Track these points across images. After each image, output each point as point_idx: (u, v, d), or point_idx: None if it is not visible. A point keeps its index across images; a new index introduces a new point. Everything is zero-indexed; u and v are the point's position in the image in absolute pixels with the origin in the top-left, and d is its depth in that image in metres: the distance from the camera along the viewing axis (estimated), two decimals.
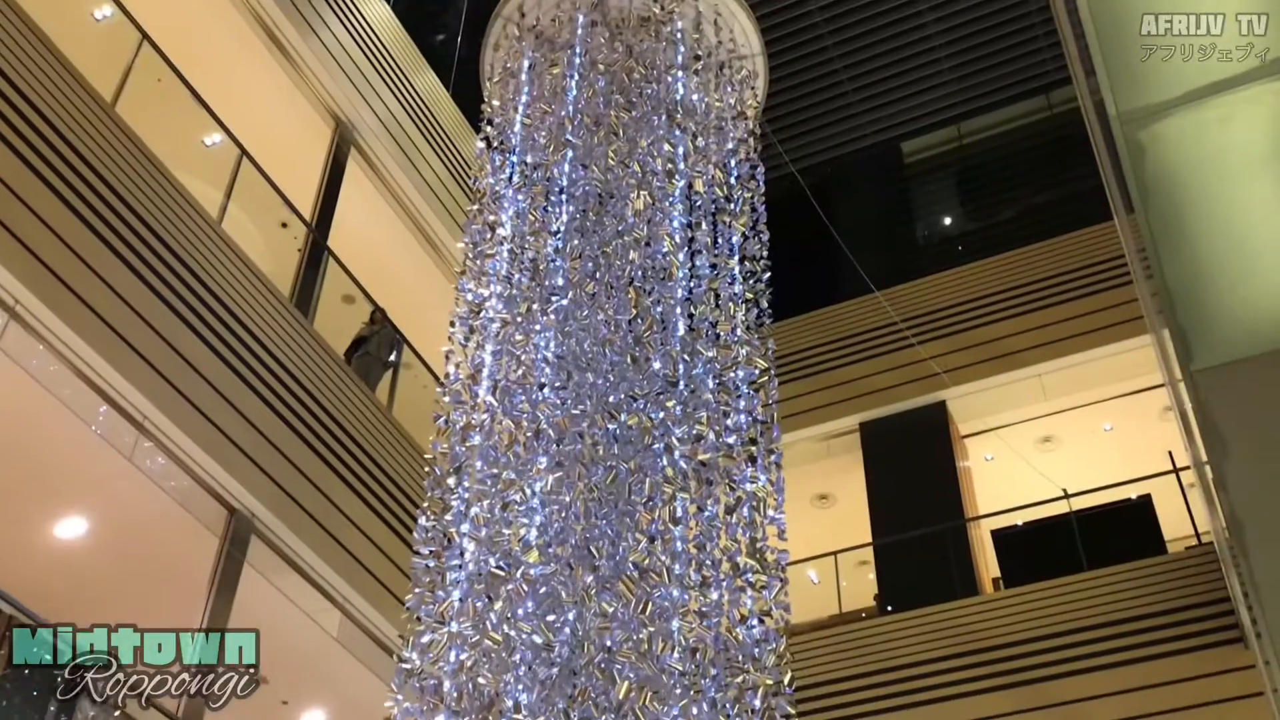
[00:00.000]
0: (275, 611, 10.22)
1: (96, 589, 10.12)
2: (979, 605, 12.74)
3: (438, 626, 4.91)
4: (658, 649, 4.52)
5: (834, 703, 12.35)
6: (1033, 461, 14.64)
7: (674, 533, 4.83)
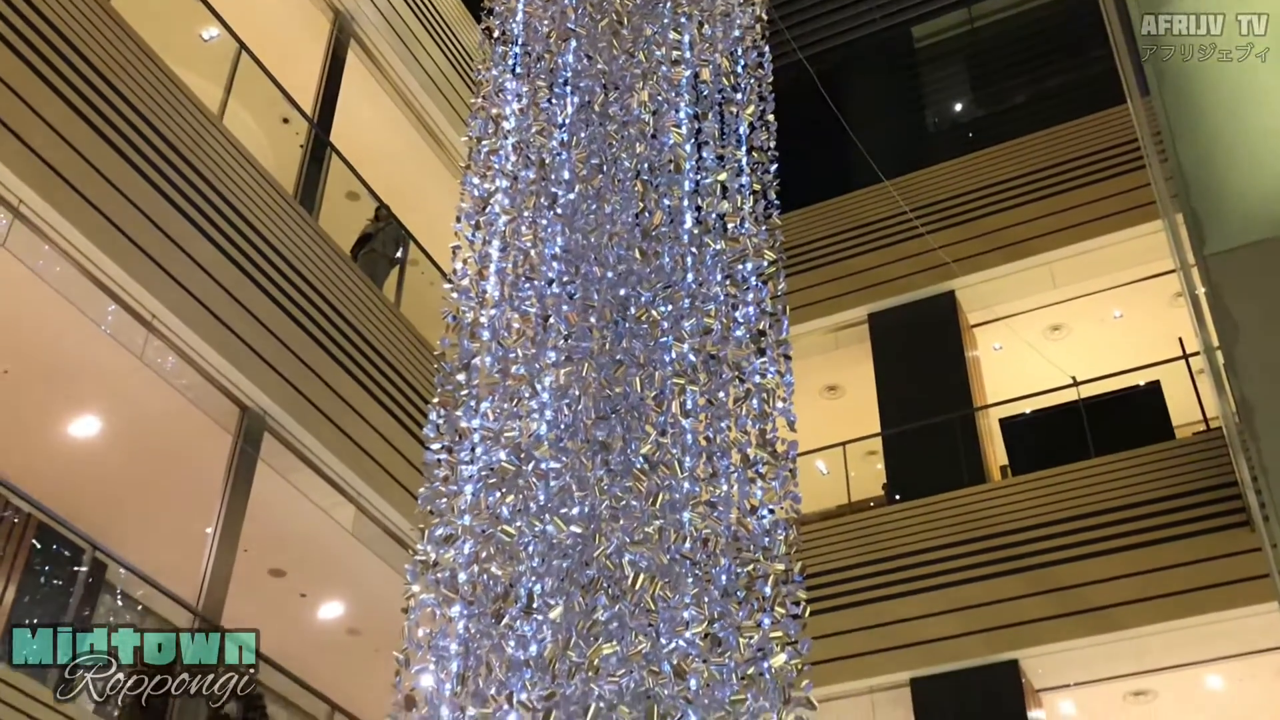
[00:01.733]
0: (290, 507, 10.35)
1: (113, 487, 10.25)
2: (986, 492, 12.85)
3: (451, 520, 4.95)
4: (669, 540, 4.56)
5: (843, 589, 12.53)
6: (1042, 350, 14.64)
7: (684, 425, 4.84)
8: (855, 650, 12.09)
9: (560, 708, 4.22)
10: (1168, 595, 11.18)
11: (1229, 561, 10.95)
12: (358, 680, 10.58)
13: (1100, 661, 11.88)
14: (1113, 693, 12.57)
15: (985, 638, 11.83)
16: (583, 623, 4.35)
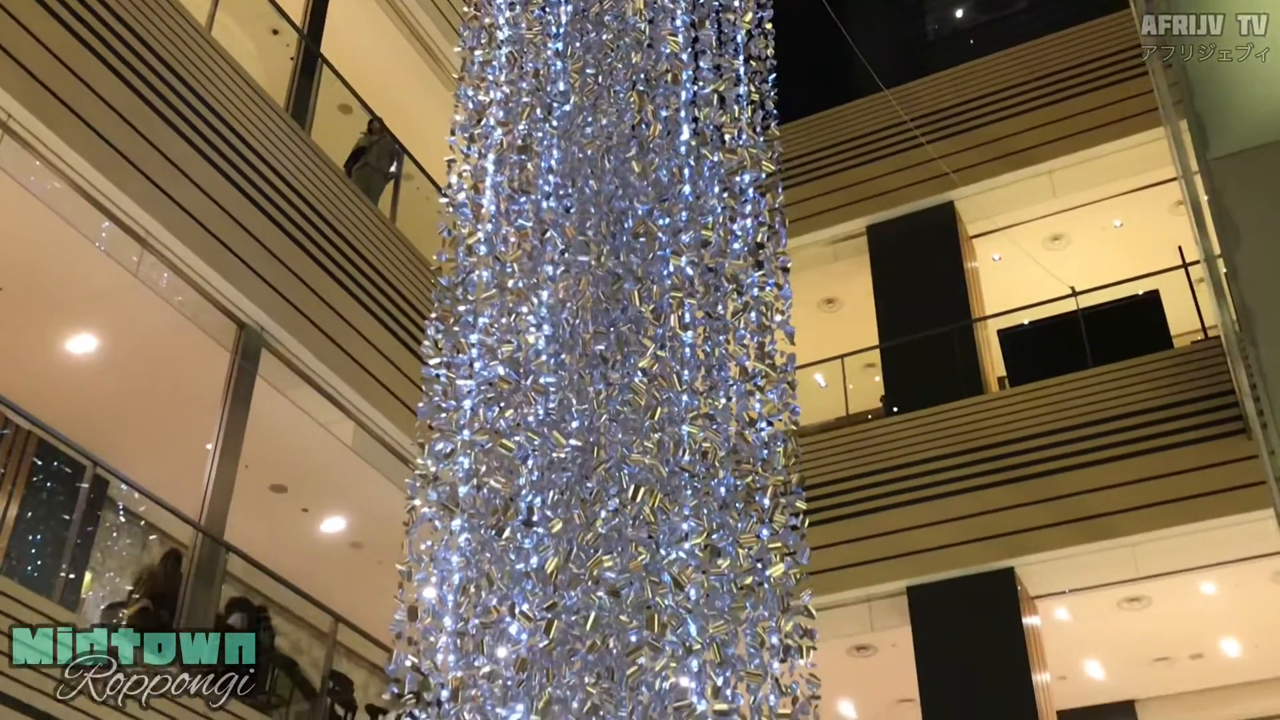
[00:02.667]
0: (290, 423, 10.38)
1: (112, 405, 10.26)
2: (984, 403, 12.90)
3: (450, 434, 4.96)
4: (668, 453, 4.56)
5: (842, 500, 12.63)
6: (1041, 260, 14.58)
7: (682, 339, 4.82)
8: (853, 560, 12.22)
9: (561, 618, 4.26)
10: (1163, 503, 11.28)
11: (1225, 469, 11.02)
12: (361, 593, 10.69)
13: (1095, 569, 12.02)
14: (1107, 599, 12.74)
15: (981, 546, 11.96)
16: (582, 535, 4.37)
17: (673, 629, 4.22)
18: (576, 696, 4.15)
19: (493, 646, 4.35)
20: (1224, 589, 12.73)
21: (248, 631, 9.51)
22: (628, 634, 4.20)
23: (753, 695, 4.35)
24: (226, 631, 9.22)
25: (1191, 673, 14.41)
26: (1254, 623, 13.40)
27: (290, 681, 9.76)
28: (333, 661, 10.00)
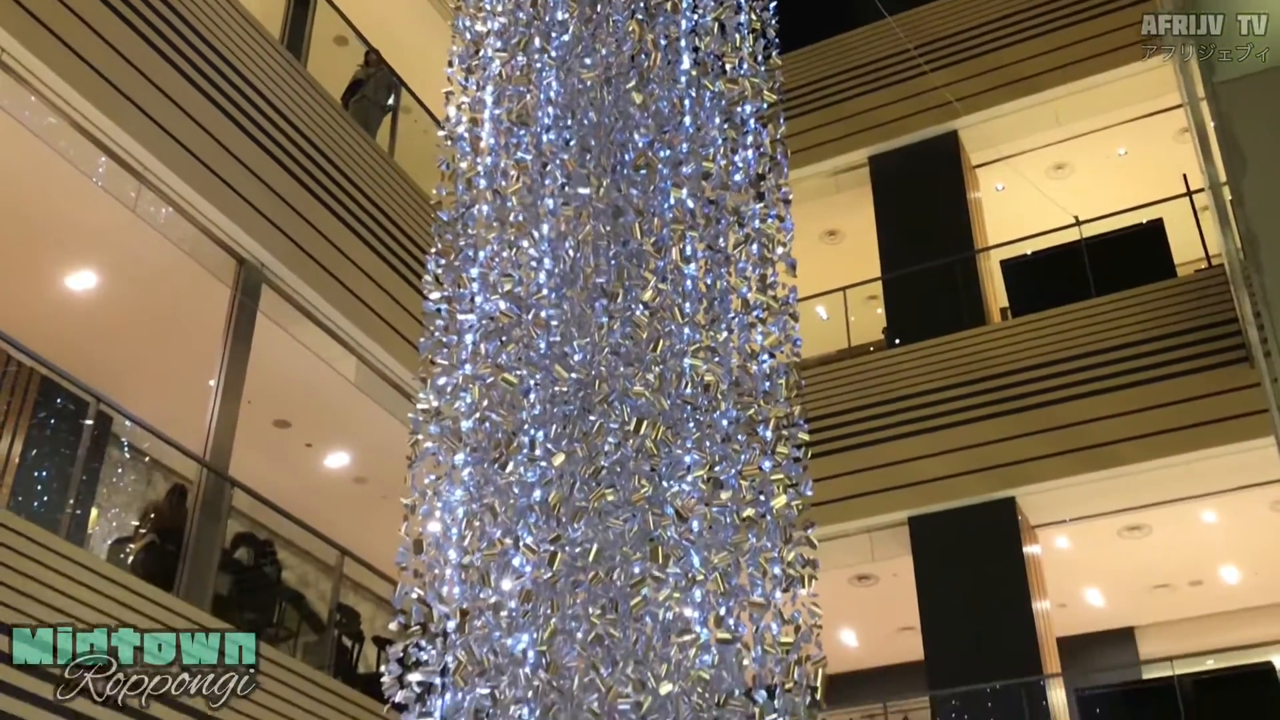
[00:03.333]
0: (292, 359, 10.38)
1: (114, 341, 10.26)
2: (986, 334, 12.89)
3: (453, 369, 4.96)
4: (670, 386, 4.57)
5: (843, 432, 12.67)
6: (1044, 190, 14.49)
7: (684, 272, 4.80)
8: (855, 491, 12.28)
9: (564, 550, 4.29)
10: (1165, 432, 11.31)
11: (1227, 398, 11.04)
12: (366, 527, 10.76)
13: (1096, 497, 12.08)
14: (1107, 527, 12.82)
15: (983, 476, 12.01)
16: (585, 468, 4.39)
17: (676, 560, 4.25)
18: (581, 627, 4.19)
19: (497, 578, 4.39)
20: (1224, 517, 12.81)
21: (253, 567, 9.60)
22: (631, 565, 4.23)
23: (755, 625, 4.39)
24: (232, 567, 9.32)
25: (1190, 599, 14.54)
26: (1253, 550, 13.50)
27: (297, 614, 9.86)
28: (339, 594, 10.09)
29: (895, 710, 12.90)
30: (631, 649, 4.09)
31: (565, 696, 4.04)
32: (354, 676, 9.90)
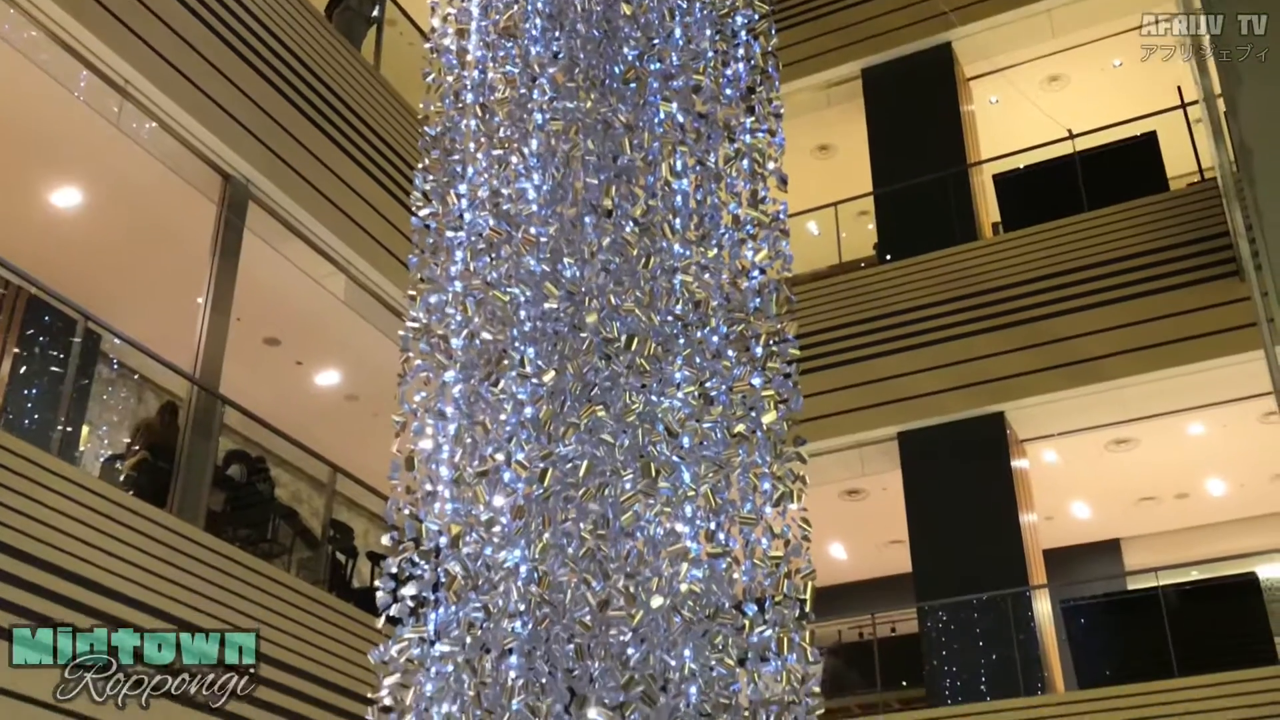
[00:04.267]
0: (281, 276, 10.33)
1: (101, 259, 10.19)
2: (977, 249, 12.87)
3: (442, 286, 4.93)
4: (660, 303, 4.55)
5: (834, 348, 12.69)
6: (1039, 102, 14.36)
7: (674, 187, 4.76)
8: (845, 406, 12.33)
9: (556, 467, 4.30)
10: (1154, 346, 11.35)
11: (1216, 311, 11.07)
12: (358, 444, 10.80)
13: (1084, 412, 12.16)
14: (1095, 441, 12.93)
15: (972, 392, 12.07)
16: (576, 385, 4.38)
17: (666, 476, 4.27)
18: (573, 543, 4.21)
19: (489, 495, 4.41)
20: (1212, 430, 12.91)
21: (246, 484, 9.64)
22: (622, 481, 4.24)
23: (745, 539, 4.43)
24: (225, 483, 9.36)
25: (1176, 512, 14.72)
26: (1240, 463, 13.63)
27: (291, 530, 9.93)
28: (332, 511, 10.16)
29: (883, 621, 13.10)
30: (623, 564, 4.13)
31: (557, 610, 4.08)
32: (348, 591, 10.00)
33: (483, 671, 4.19)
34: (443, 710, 4.23)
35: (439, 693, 4.25)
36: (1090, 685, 10.74)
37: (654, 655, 4.02)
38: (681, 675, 3.99)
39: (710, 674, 4.09)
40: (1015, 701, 10.52)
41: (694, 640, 4.09)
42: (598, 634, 4.05)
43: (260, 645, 7.92)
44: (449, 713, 4.22)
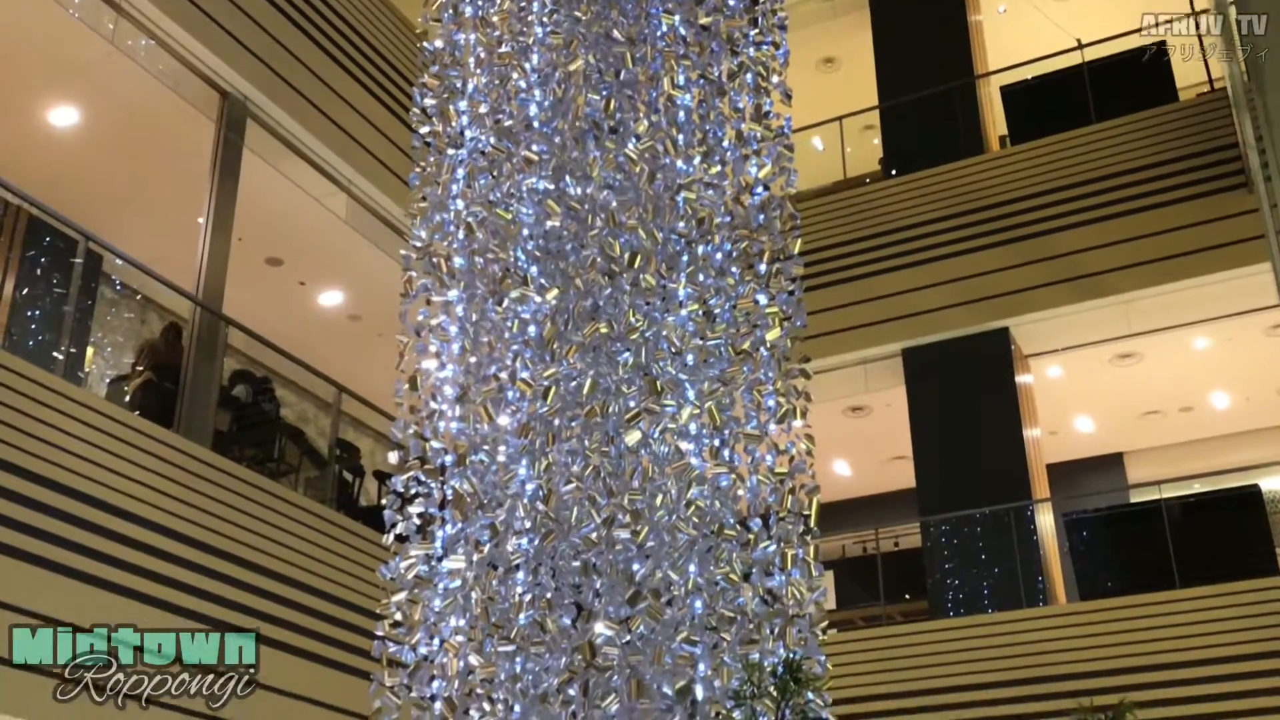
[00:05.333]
0: (282, 196, 10.26)
1: (101, 179, 10.13)
2: (983, 163, 12.75)
3: (444, 205, 4.90)
4: (664, 220, 4.51)
5: (839, 265, 12.64)
6: (1047, 11, 14.13)
7: (677, 102, 4.70)
8: (849, 323, 12.31)
9: (560, 385, 4.30)
10: (1161, 259, 11.30)
11: (1223, 224, 10.99)
12: (363, 364, 10.81)
13: (1089, 326, 12.13)
14: (1100, 356, 12.91)
15: (976, 307, 12.03)
16: (579, 303, 4.37)
17: (671, 394, 4.27)
18: (578, 460, 4.23)
19: (495, 413, 4.41)
20: (1217, 343, 12.89)
21: (252, 404, 9.66)
22: (626, 399, 4.25)
23: (750, 455, 4.44)
24: (231, 404, 9.39)
25: (1180, 425, 14.75)
26: (1245, 376, 13.63)
27: (298, 450, 9.98)
28: (339, 430, 10.20)
29: (886, 535, 13.20)
30: (627, 481, 4.14)
31: (562, 527, 4.11)
32: (356, 510, 10.07)
33: (489, 588, 4.23)
34: (451, 625, 4.28)
35: (447, 608, 4.30)
36: (1092, 597, 10.85)
37: (659, 570, 4.05)
38: (687, 589, 4.02)
39: (715, 588, 4.13)
40: (1016, 613, 10.63)
41: (699, 555, 4.13)
42: (603, 550, 4.08)
43: (269, 564, 8.02)
44: (457, 627, 4.27)
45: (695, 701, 3.86)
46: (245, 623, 7.64)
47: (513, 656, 4.04)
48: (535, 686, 3.99)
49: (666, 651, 3.90)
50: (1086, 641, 9.80)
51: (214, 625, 7.42)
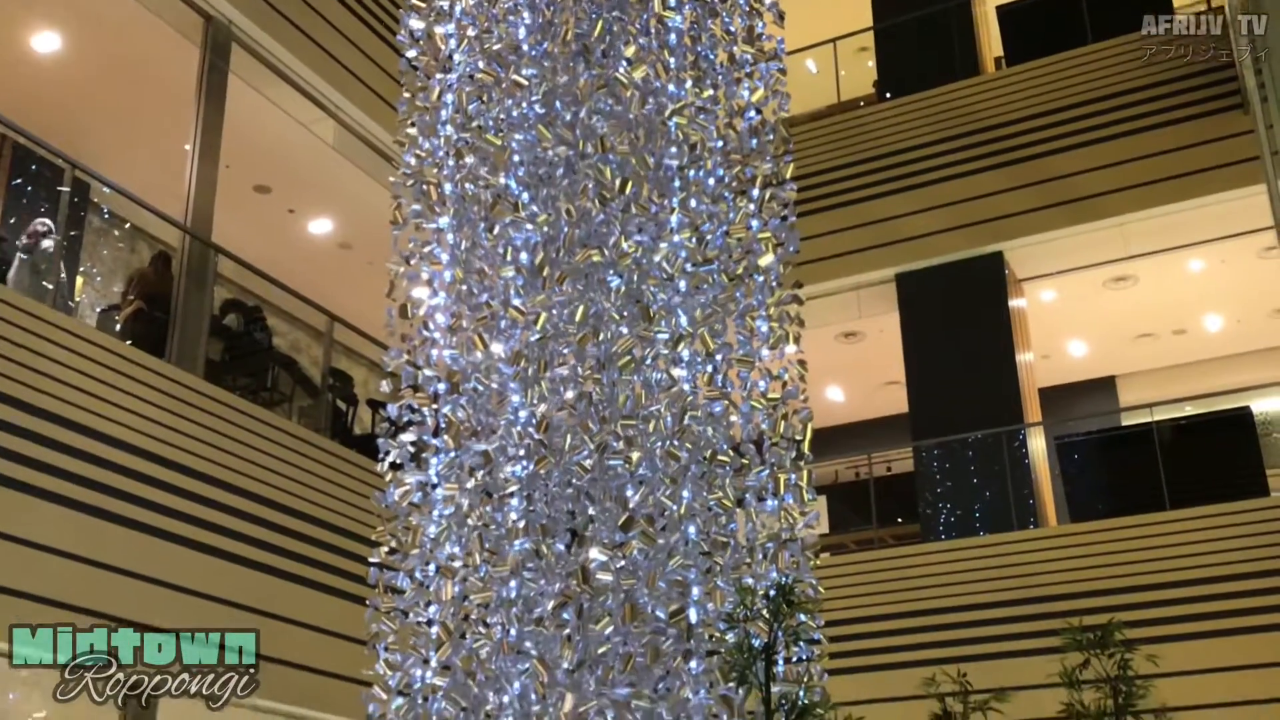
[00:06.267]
0: (269, 123, 10.14)
1: (85, 107, 9.99)
2: (978, 85, 12.63)
3: (433, 130, 4.85)
4: (655, 145, 4.47)
5: (832, 189, 12.56)
6: None
7: (668, 24, 4.63)
8: (842, 249, 12.27)
9: (554, 311, 4.28)
10: (1155, 181, 11.24)
11: (1219, 145, 10.92)
12: (354, 292, 10.76)
13: (1083, 249, 12.10)
14: (1094, 279, 12.89)
15: (971, 231, 11.99)
16: (571, 232, 4.33)
17: (663, 320, 4.25)
18: (570, 387, 4.22)
19: (487, 341, 4.40)
20: (1211, 265, 12.87)
21: (243, 333, 9.63)
22: (618, 326, 4.23)
23: (743, 381, 4.44)
24: (223, 333, 9.35)
25: (1173, 348, 14.78)
26: (1239, 298, 13.63)
27: (291, 379, 9.96)
28: (331, 359, 10.18)
29: (879, 460, 13.27)
30: (620, 407, 4.14)
31: (556, 453, 4.11)
32: (350, 438, 10.09)
33: (485, 515, 4.25)
34: (446, 552, 4.30)
35: (441, 534, 4.32)
36: (1082, 519, 10.94)
37: (653, 496, 4.06)
38: (680, 515, 4.04)
39: (709, 514, 4.15)
40: (1007, 535, 10.72)
41: (692, 481, 4.14)
42: (597, 476, 4.09)
43: (265, 492, 8.05)
44: (452, 554, 4.29)
45: (689, 624, 3.90)
46: (241, 550, 7.69)
47: (507, 581, 4.07)
48: (530, 611, 4.02)
49: (660, 576, 3.93)
50: (1077, 563, 9.90)
51: (210, 552, 7.46)
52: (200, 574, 7.35)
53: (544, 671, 3.85)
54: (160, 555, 7.10)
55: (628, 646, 3.87)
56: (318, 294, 10.13)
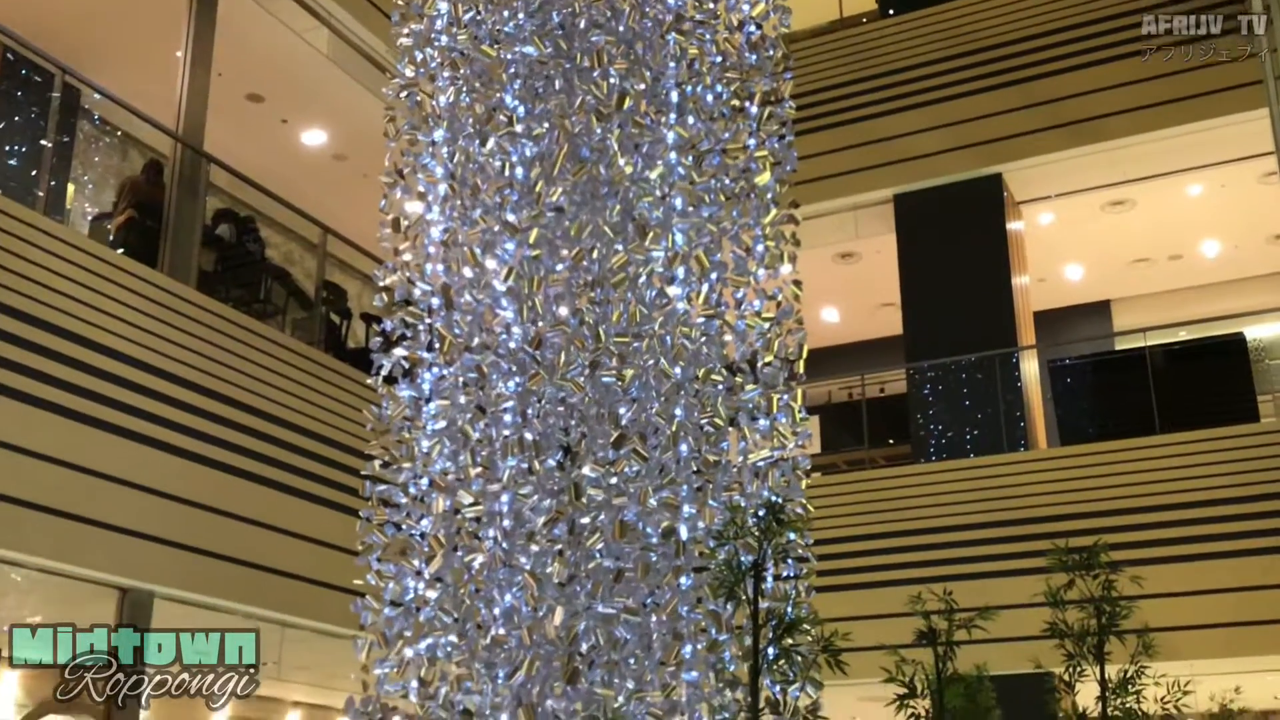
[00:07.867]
0: (262, 31, 9.98)
1: (75, 13, 9.81)
2: (983, 3, 12.47)
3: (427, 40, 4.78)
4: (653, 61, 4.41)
5: (831, 108, 12.44)
6: None
7: None
8: (840, 169, 12.18)
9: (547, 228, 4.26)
10: (1157, 104, 11.13)
11: (1220, 69, 10.78)
12: (349, 204, 10.68)
13: (1083, 172, 12.03)
14: (1092, 202, 12.83)
15: (970, 153, 11.90)
16: (566, 143, 4.29)
17: (658, 238, 4.23)
18: (565, 302, 4.21)
19: (481, 256, 4.38)
20: (1210, 190, 12.80)
21: (236, 244, 9.57)
22: (613, 243, 4.20)
23: (737, 301, 4.43)
24: (215, 243, 9.29)
25: (1169, 273, 14.76)
26: (1237, 224, 13.59)
27: (284, 291, 9.92)
28: (325, 272, 10.13)
29: (872, 382, 13.31)
30: (614, 324, 4.13)
31: (549, 369, 4.11)
32: (343, 352, 10.08)
33: (478, 430, 4.26)
34: (437, 467, 4.32)
35: (434, 448, 4.33)
36: (1073, 443, 11.00)
37: (645, 414, 4.07)
38: (672, 433, 4.05)
39: (701, 432, 4.16)
40: (998, 457, 10.78)
41: (685, 399, 4.14)
42: (590, 393, 4.10)
43: (258, 404, 8.06)
44: (444, 469, 4.31)
45: (680, 541, 3.93)
46: (234, 460, 7.71)
47: (499, 495, 4.09)
48: (522, 525, 4.05)
49: (652, 493, 3.95)
50: (1065, 485, 9.97)
51: (203, 462, 7.49)
52: (193, 485, 7.38)
53: (534, 585, 3.89)
54: (153, 464, 7.13)
55: (619, 562, 3.91)
56: (311, 206, 10.05)
